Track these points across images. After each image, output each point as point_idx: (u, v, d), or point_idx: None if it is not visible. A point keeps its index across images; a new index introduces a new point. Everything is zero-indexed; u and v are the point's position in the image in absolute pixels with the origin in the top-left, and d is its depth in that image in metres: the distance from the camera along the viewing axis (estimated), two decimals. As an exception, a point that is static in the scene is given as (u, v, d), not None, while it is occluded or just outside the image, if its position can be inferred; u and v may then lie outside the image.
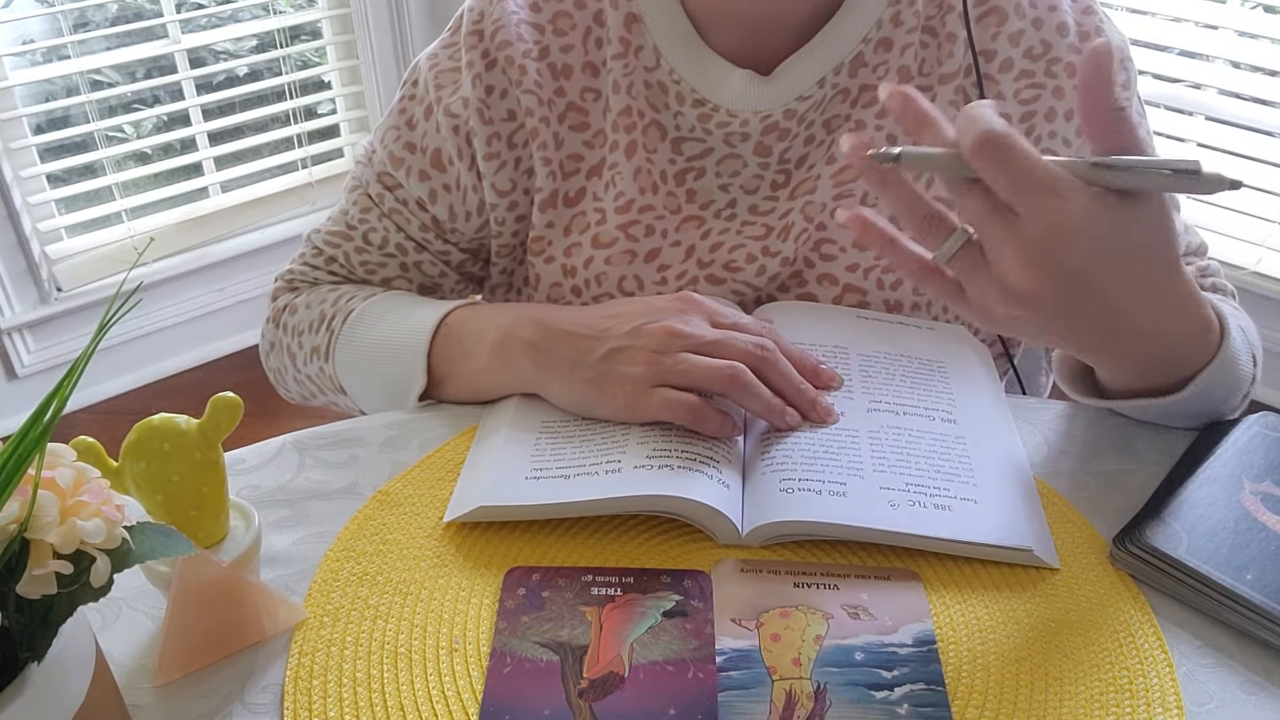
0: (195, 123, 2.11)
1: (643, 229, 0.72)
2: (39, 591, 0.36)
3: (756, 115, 0.70)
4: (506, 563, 0.54)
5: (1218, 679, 0.48)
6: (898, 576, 0.53)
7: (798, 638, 0.49)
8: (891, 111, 0.53)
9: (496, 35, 0.71)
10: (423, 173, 0.75)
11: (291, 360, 0.77)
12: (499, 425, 0.63)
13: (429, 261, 0.78)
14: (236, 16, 2.12)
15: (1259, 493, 0.56)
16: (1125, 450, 0.63)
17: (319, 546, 0.56)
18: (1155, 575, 0.53)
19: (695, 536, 0.56)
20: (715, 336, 0.60)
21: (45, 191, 1.96)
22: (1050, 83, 0.69)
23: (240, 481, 0.60)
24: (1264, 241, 1.81)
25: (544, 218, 0.74)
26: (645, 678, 0.47)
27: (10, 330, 1.97)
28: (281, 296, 0.79)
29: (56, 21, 1.94)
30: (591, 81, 0.72)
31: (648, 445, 0.58)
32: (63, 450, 0.39)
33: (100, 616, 0.51)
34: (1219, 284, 0.74)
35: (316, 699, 0.47)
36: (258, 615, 0.49)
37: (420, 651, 0.49)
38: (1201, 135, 1.83)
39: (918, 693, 0.47)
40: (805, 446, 0.58)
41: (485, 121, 0.72)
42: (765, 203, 0.73)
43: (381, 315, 0.71)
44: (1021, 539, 0.54)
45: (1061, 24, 0.69)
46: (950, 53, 0.69)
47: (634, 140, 0.71)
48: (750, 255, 0.72)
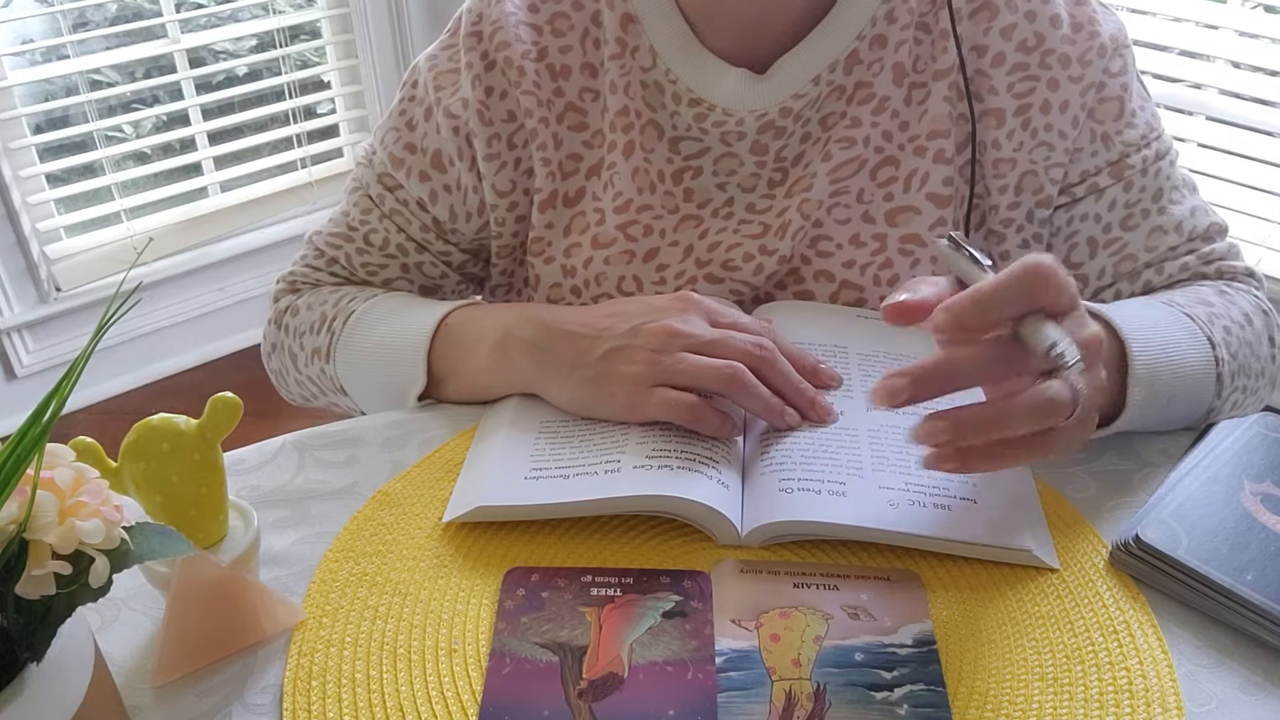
0: (195, 122, 2.11)
1: (641, 228, 0.72)
2: (38, 592, 0.36)
3: (752, 114, 0.70)
4: (506, 563, 0.54)
5: (1218, 679, 0.48)
6: (898, 577, 0.53)
7: (797, 638, 0.49)
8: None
9: (495, 36, 0.71)
10: (423, 174, 0.75)
11: (293, 361, 0.77)
12: (498, 425, 0.63)
13: (430, 262, 0.78)
14: (236, 16, 2.12)
15: (1259, 493, 0.56)
16: (1125, 451, 0.63)
17: (318, 547, 0.55)
18: (1155, 575, 0.53)
19: (695, 537, 0.56)
20: (714, 336, 0.60)
21: (45, 191, 1.96)
22: (1045, 74, 0.69)
23: (240, 481, 0.60)
24: (1264, 241, 1.81)
25: (543, 218, 0.74)
26: (645, 678, 0.47)
27: (10, 330, 1.97)
28: (283, 298, 0.79)
29: (56, 21, 1.94)
30: (589, 82, 0.72)
31: (647, 445, 0.58)
32: (62, 450, 0.39)
33: (99, 616, 0.51)
34: (1225, 268, 0.72)
35: (316, 699, 0.47)
36: (257, 615, 0.49)
37: (420, 652, 0.49)
38: (1201, 135, 1.83)
39: (917, 693, 0.47)
40: (804, 446, 0.58)
41: (485, 122, 0.72)
42: (762, 201, 0.73)
43: (382, 316, 0.71)
44: (1021, 539, 0.54)
45: (1054, 16, 0.69)
46: (944, 49, 0.70)
47: (631, 140, 0.71)
48: (748, 254, 0.72)
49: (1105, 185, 0.71)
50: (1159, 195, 0.71)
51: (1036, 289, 0.49)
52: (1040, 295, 0.49)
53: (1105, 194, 0.71)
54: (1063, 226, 0.72)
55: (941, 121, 0.70)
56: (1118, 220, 0.71)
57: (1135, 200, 0.71)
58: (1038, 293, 0.49)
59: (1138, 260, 0.71)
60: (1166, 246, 0.71)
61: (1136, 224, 0.71)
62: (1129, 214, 0.71)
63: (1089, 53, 0.69)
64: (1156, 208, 0.71)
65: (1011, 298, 0.49)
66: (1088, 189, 0.71)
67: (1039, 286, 0.49)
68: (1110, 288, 0.72)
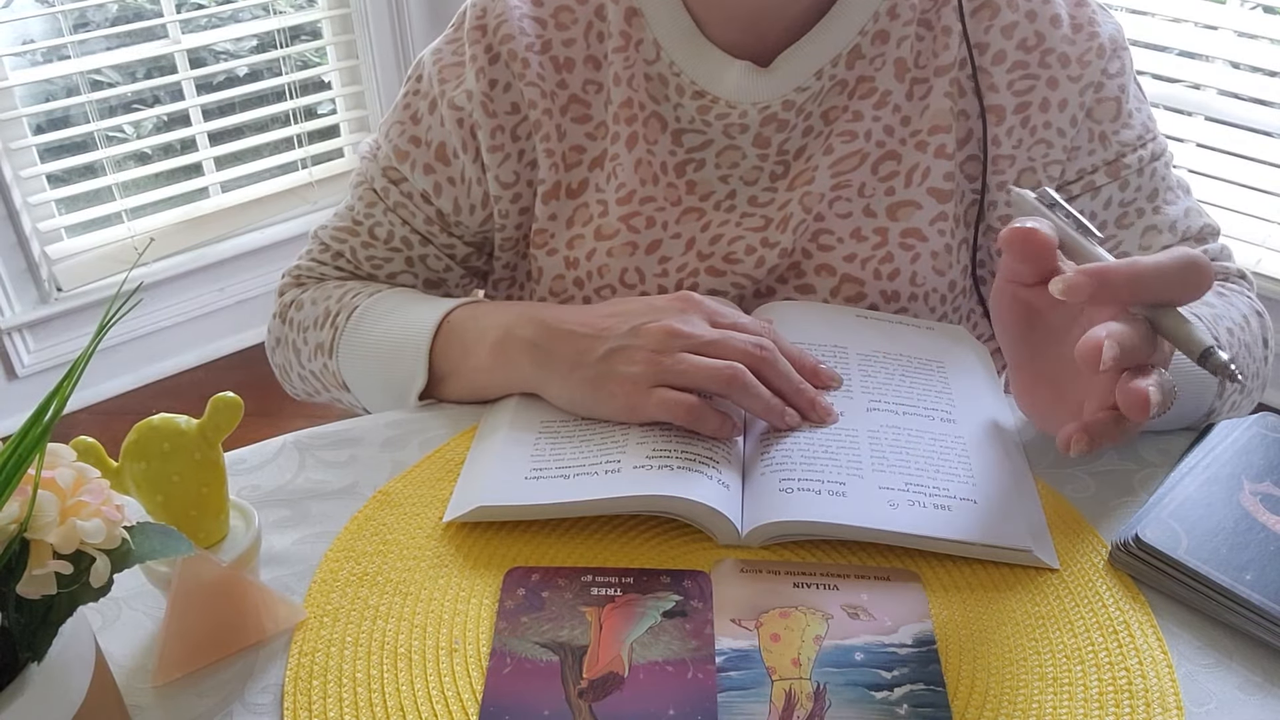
0: (195, 123, 2.11)
1: (644, 220, 0.72)
2: (39, 591, 0.36)
3: (755, 106, 0.71)
4: (506, 563, 0.54)
5: (1218, 679, 0.48)
6: (898, 577, 0.53)
7: (797, 638, 0.49)
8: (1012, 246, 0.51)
9: (499, 29, 0.72)
10: (427, 166, 0.75)
11: (296, 356, 0.77)
12: (499, 425, 0.63)
13: (434, 256, 0.78)
14: (236, 16, 2.12)
15: (1259, 493, 0.56)
16: (1125, 450, 0.63)
17: (319, 546, 0.56)
18: (1155, 575, 0.53)
19: (695, 537, 0.56)
20: (714, 336, 0.60)
21: (45, 191, 1.96)
22: (1044, 73, 0.69)
23: (240, 481, 0.60)
24: (1264, 242, 1.81)
25: (547, 209, 0.74)
26: (645, 678, 0.47)
27: (10, 330, 1.97)
28: (288, 292, 0.80)
29: (56, 21, 1.94)
30: (593, 74, 0.73)
31: (647, 445, 0.58)
32: (63, 450, 0.39)
33: (100, 616, 0.51)
34: (1217, 269, 0.73)
35: (316, 699, 0.47)
36: (258, 615, 0.49)
37: (420, 652, 0.49)
38: (1201, 135, 1.83)
39: (917, 693, 0.47)
40: (805, 446, 0.58)
41: (489, 114, 0.72)
42: (764, 194, 0.73)
43: (385, 313, 0.71)
44: (1021, 539, 0.54)
45: (1055, 16, 0.70)
46: (945, 45, 0.70)
47: (635, 132, 0.72)
48: (749, 246, 0.72)
49: (1102, 184, 0.71)
50: (1154, 195, 0.72)
51: (1189, 284, 0.49)
52: (1191, 291, 0.49)
53: (1101, 192, 0.71)
54: None
55: (943, 117, 0.70)
56: (1113, 219, 0.72)
57: (1131, 199, 0.72)
58: (1189, 288, 0.49)
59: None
60: (1160, 245, 0.72)
61: (1131, 222, 0.72)
62: (1124, 212, 0.72)
63: (1088, 53, 0.69)
64: (1151, 207, 0.72)
65: (1168, 284, 0.48)
66: (1084, 187, 0.71)
67: (1193, 283, 0.49)
68: None
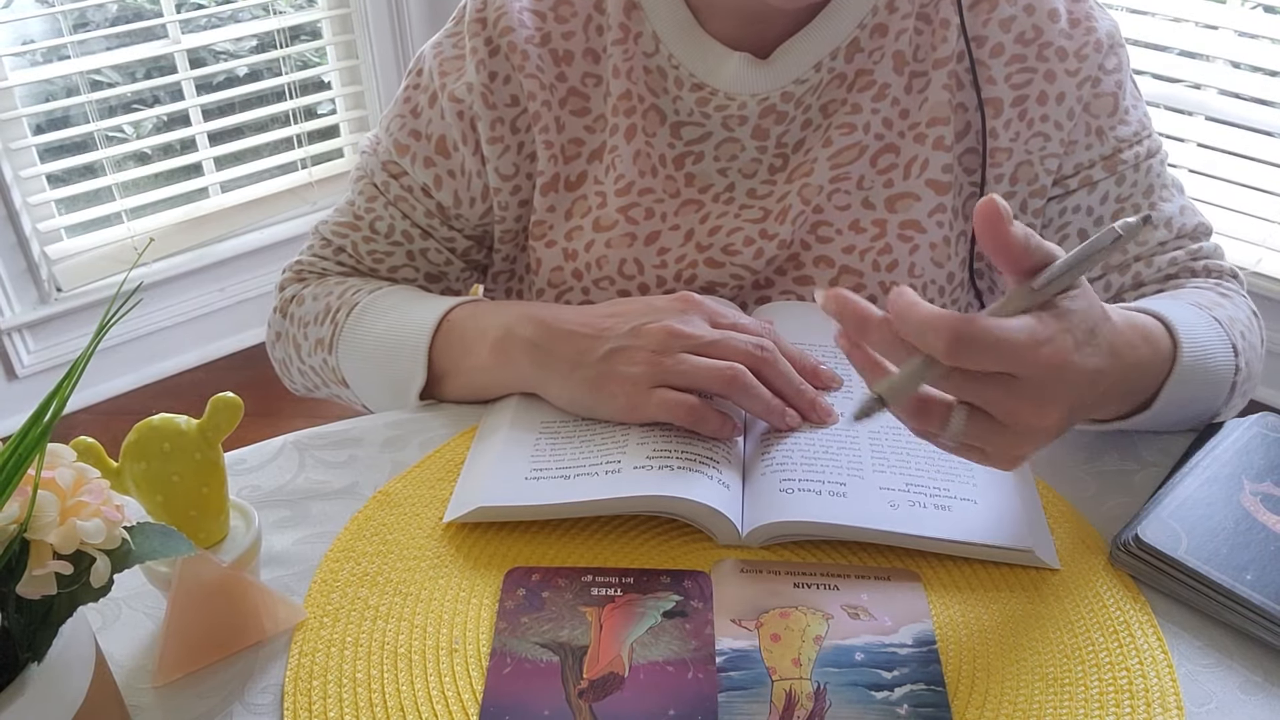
0: (195, 123, 2.11)
1: (642, 211, 0.72)
2: (39, 592, 0.36)
3: (754, 98, 0.71)
4: (506, 563, 0.54)
5: (1218, 679, 0.48)
6: (898, 577, 0.53)
7: (798, 638, 0.49)
8: (830, 314, 0.50)
9: (499, 22, 0.72)
10: (428, 159, 0.75)
11: (297, 351, 0.77)
12: (499, 425, 0.63)
13: (434, 249, 0.78)
14: (236, 16, 2.12)
15: (1259, 493, 0.56)
16: (1125, 450, 0.63)
17: (319, 547, 0.56)
18: (1155, 575, 0.53)
19: (695, 537, 0.56)
20: (715, 337, 0.60)
21: (45, 192, 1.96)
22: (1042, 66, 0.70)
23: (240, 481, 0.60)
24: (1264, 242, 1.81)
25: (545, 201, 0.74)
26: (645, 678, 0.47)
27: (10, 330, 1.97)
28: (289, 287, 0.80)
29: (56, 21, 1.94)
30: (592, 67, 0.73)
31: (648, 446, 0.58)
32: (63, 450, 0.39)
33: (100, 616, 0.51)
34: (1212, 266, 0.73)
35: (316, 699, 0.47)
36: (258, 615, 0.49)
37: (420, 652, 0.49)
38: (1201, 135, 1.83)
39: (918, 693, 0.47)
40: (805, 447, 0.58)
41: (489, 106, 0.72)
42: (763, 186, 0.73)
43: (385, 310, 0.71)
44: (1021, 539, 0.54)
45: (1052, 10, 0.70)
46: (944, 38, 0.71)
47: (633, 124, 0.72)
48: (748, 238, 0.72)
49: (1099, 179, 0.71)
50: (1150, 191, 0.72)
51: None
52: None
53: (1098, 187, 0.72)
54: (1055, 218, 0.73)
55: (941, 109, 0.71)
56: (1109, 213, 0.72)
57: (1127, 195, 0.72)
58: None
59: (1128, 253, 0.72)
60: (1156, 241, 0.72)
61: (1127, 217, 0.71)
62: (1120, 207, 0.72)
63: (1085, 47, 0.69)
64: (1147, 203, 0.72)
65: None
66: (1081, 181, 0.72)
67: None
68: (1100, 279, 0.73)
